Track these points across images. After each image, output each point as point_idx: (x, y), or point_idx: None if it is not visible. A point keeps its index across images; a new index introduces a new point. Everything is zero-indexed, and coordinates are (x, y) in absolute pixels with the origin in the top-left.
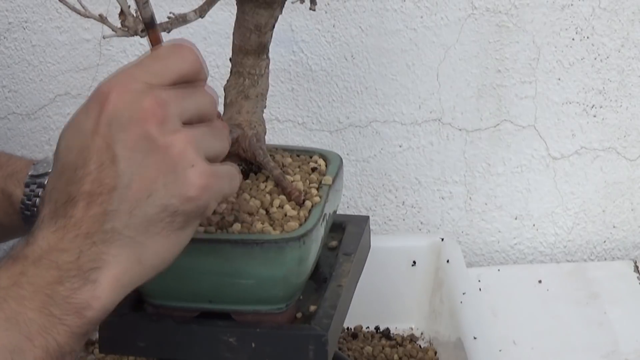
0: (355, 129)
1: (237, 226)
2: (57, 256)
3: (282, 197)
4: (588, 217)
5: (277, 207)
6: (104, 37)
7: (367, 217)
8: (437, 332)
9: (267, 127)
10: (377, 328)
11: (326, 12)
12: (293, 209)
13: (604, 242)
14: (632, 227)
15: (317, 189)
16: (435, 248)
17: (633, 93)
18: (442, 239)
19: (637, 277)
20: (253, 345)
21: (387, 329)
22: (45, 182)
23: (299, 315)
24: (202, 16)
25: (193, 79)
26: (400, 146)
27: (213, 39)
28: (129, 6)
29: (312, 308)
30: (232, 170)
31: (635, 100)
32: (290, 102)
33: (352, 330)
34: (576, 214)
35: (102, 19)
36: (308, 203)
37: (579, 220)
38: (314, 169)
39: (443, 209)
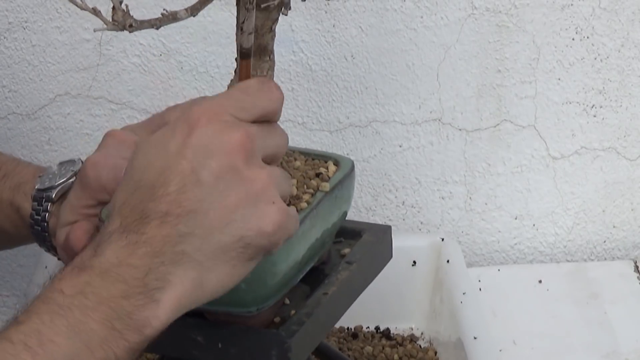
0: (355, 129)
1: None
2: (124, 271)
3: None
4: (588, 217)
5: None
6: (94, 30)
7: (389, 227)
8: (437, 332)
9: None
10: (377, 328)
11: (326, 12)
12: None
13: (604, 242)
14: (632, 227)
15: (312, 195)
16: (435, 248)
17: (633, 93)
18: (442, 239)
19: (637, 277)
20: (220, 345)
21: (387, 329)
22: (53, 195)
23: (277, 319)
24: (194, 15)
25: (273, 119)
26: (400, 146)
27: (213, 39)
28: (121, 2)
29: (292, 313)
30: (295, 213)
31: (635, 100)
32: (290, 102)
33: (352, 330)
34: (576, 214)
35: (95, 12)
36: (292, 208)
37: (579, 220)
38: (317, 174)
39: (443, 209)
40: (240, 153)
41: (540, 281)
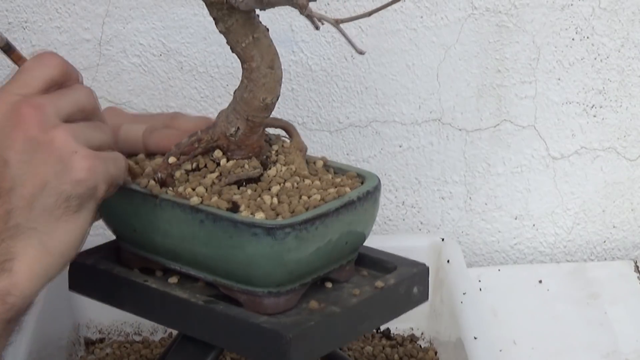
0: (355, 129)
1: None
2: None
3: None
4: (588, 217)
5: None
6: None
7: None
8: (438, 332)
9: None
10: (377, 328)
11: (326, 12)
12: None
13: (604, 242)
14: (632, 227)
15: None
16: (435, 248)
17: (633, 93)
18: (442, 239)
19: (637, 277)
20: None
21: (388, 329)
22: None
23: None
24: None
25: (64, 81)
26: (400, 146)
27: (213, 39)
28: None
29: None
30: (116, 154)
31: (635, 100)
32: (290, 102)
33: None
34: (576, 214)
35: None
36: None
37: (579, 220)
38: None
39: (443, 209)
40: (31, 122)
41: (540, 281)
